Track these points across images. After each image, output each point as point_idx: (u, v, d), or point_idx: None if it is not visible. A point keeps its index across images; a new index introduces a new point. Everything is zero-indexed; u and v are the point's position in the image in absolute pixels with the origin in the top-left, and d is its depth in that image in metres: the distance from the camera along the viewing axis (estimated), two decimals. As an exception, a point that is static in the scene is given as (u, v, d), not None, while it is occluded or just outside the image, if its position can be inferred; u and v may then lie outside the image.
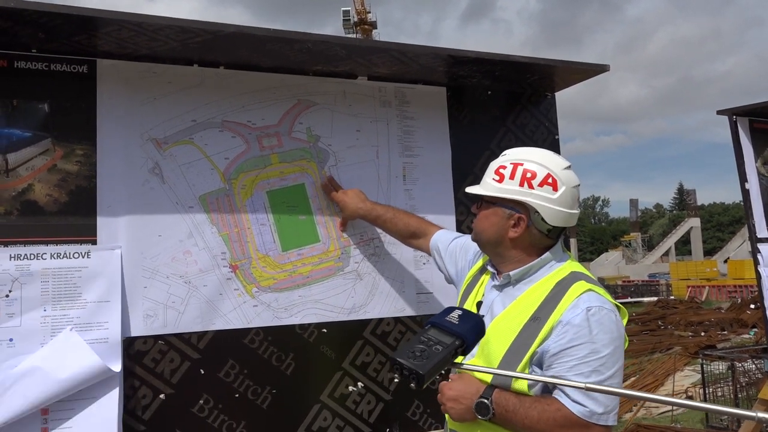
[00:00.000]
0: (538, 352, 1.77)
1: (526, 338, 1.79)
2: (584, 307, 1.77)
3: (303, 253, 2.59)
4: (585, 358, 1.71)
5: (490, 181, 1.99)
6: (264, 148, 2.57)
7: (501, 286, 1.98)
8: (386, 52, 2.51)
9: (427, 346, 1.40)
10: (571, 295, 1.81)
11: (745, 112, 3.64)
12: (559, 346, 1.74)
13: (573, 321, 1.75)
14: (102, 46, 2.28)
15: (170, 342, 2.34)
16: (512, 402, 1.74)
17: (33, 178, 2.21)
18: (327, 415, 2.55)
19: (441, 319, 1.48)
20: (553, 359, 1.75)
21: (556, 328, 1.76)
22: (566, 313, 1.77)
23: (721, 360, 8.19)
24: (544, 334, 1.77)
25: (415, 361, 1.36)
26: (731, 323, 17.27)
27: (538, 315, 1.82)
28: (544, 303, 1.83)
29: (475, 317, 1.51)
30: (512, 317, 1.87)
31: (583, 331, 1.73)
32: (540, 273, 1.94)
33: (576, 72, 2.89)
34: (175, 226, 2.39)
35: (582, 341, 1.72)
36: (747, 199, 3.58)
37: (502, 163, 1.98)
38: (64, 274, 2.20)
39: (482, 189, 2.01)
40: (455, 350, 1.42)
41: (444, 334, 1.43)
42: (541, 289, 1.88)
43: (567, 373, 1.71)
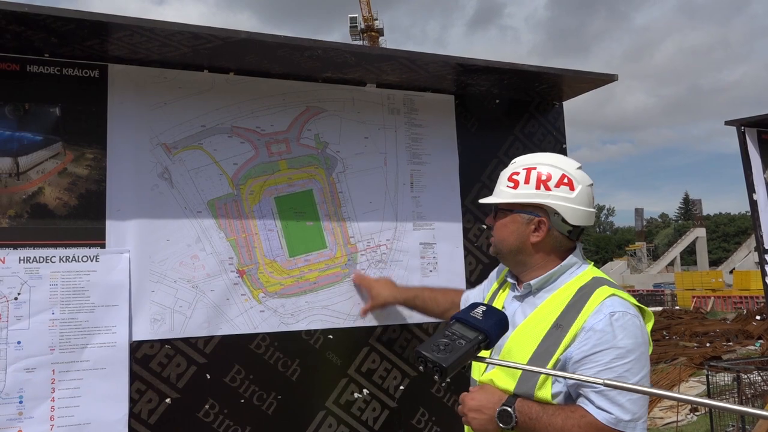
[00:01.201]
0: (561, 359, 1.74)
1: (549, 346, 1.76)
2: (607, 312, 1.74)
3: (310, 259, 2.59)
4: (609, 363, 1.68)
5: (505, 188, 1.98)
6: (272, 154, 2.58)
7: (522, 296, 1.95)
8: (395, 60, 2.52)
9: (451, 340, 1.43)
10: (594, 301, 1.78)
11: (753, 123, 3.64)
12: (582, 352, 1.71)
13: (596, 326, 1.72)
14: (114, 51, 2.29)
15: (177, 346, 2.35)
16: (535, 410, 1.71)
17: (43, 182, 2.22)
18: (332, 421, 2.55)
19: (465, 314, 1.51)
20: (576, 366, 1.71)
21: (579, 335, 1.73)
22: (589, 318, 1.74)
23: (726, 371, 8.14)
24: (567, 341, 1.74)
25: (439, 355, 1.39)
26: (737, 334, 17.18)
27: (561, 322, 1.78)
28: (567, 310, 1.80)
29: (499, 313, 1.53)
30: (534, 326, 1.84)
31: (606, 336, 1.70)
32: (561, 280, 1.91)
33: (584, 81, 2.90)
34: (183, 231, 2.40)
35: (606, 347, 1.69)
36: (755, 210, 3.57)
37: (515, 170, 1.97)
38: (73, 278, 2.21)
39: (497, 197, 2.00)
40: (478, 345, 1.44)
41: (468, 329, 1.46)
42: (563, 296, 1.85)
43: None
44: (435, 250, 2.82)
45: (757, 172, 3.62)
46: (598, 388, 1.66)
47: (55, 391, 2.14)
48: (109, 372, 2.21)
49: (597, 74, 2.86)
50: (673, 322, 20.54)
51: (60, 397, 2.14)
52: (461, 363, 1.41)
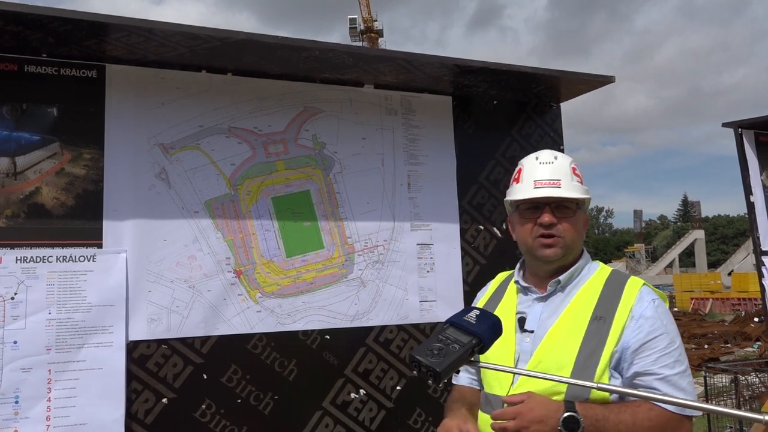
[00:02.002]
0: (617, 351, 1.68)
1: (596, 340, 1.70)
2: (650, 299, 1.73)
3: (307, 259, 2.60)
4: (666, 349, 1.68)
5: (575, 183, 1.85)
6: (270, 154, 2.58)
7: (546, 296, 1.84)
8: (393, 61, 2.52)
9: (445, 344, 1.42)
10: (631, 290, 1.76)
11: (750, 125, 3.64)
12: (638, 340, 1.68)
13: (645, 314, 1.70)
14: (111, 52, 2.30)
15: (173, 346, 2.35)
16: (600, 411, 1.63)
17: (40, 182, 2.23)
18: (329, 421, 2.55)
19: (459, 318, 1.50)
20: (634, 355, 1.68)
21: (630, 323, 1.70)
22: (635, 307, 1.72)
23: (724, 373, 8.13)
24: (617, 331, 1.69)
25: (433, 359, 1.39)
26: (735, 336, 17.19)
27: (600, 314, 1.73)
28: (602, 301, 1.75)
29: (492, 317, 1.52)
30: (571, 321, 1.76)
31: (657, 322, 1.70)
32: (584, 274, 1.85)
33: (581, 83, 2.90)
34: (181, 231, 2.41)
35: (659, 332, 1.69)
36: (752, 212, 3.57)
37: (572, 164, 1.88)
38: (70, 278, 2.21)
39: (576, 191, 1.84)
40: (472, 349, 1.43)
41: (461, 333, 1.45)
42: (592, 290, 1.80)
43: (652, 366, 1.66)
44: (432, 250, 2.83)
45: (754, 174, 3.62)
46: (660, 375, 1.65)
47: (51, 391, 2.14)
48: (105, 372, 2.21)
49: (594, 76, 2.86)
50: (671, 324, 20.52)
51: (56, 397, 2.14)
52: (455, 367, 1.41)
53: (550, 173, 1.84)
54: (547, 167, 1.85)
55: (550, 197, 1.80)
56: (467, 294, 2.84)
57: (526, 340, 1.78)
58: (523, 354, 1.77)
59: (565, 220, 1.81)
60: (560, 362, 1.70)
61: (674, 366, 1.67)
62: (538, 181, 1.83)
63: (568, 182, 1.84)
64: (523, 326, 1.81)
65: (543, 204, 1.81)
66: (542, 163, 1.86)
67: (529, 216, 1.84)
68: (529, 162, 1.90)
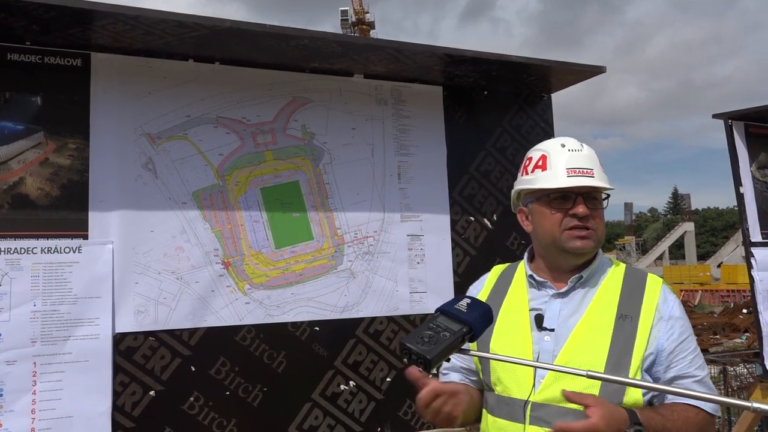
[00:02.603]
0: (651, 353, 1.63)
1: (625, 340, 1.63)
2: (673, 298, 1.71)
3: (296, 250, 2.58)
4: (696, 350, 1.67)
5: (604, 173, 1.76)
6: (258, 144, 2.56)
7: (566, 292, 1.74)
8: (382, 50, 2.50)
9: (435, 332, 1.42)
10: (653, 288, 1.71)
11: (740, 117, 3.64)
12: (672, 342, 1.65)
13: (674, 314, 1.68)
14: (97, 40, 2.26)
15: (161, 338, 2.33)
16: (659, 420, 1.55)
17: (24, 172, 2.19)
18: (318, 413, 2.54)
19: (450, 306, 1.49)
20: (671, 357, 1.64)
21: (660, 324, 1.65)
22: (662, 306, 1.68)
23: (713, 364, 8.21)
24: (646, 331, 1.64)
25: (423, 347, 1.38)
26: (723, 327, 17.35)
27: (626, 312, 1.67)
28: (624, 299, 1.69)
29: (483, 305, 1.51)
30: (597, 319, 1.68)
31: (686, 323, 1.69)
32: (601, 269, 1.77)
33: (572, 73, 2.89)
34: (168, 222, 2.38)
35: (689, 333, 1.68)
36: (741, 204, 3.58)
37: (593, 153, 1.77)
38: (55, 269, 2.18)
39: (607, 182, 1.74)
40: (462, 337, 1.43)
41: (452, 321, 1.44)
42: (612, 285, 1.73)
43: (689, 368, 1.64)
44: (422, 242, 2.81)
45: (744, 166, 3.62)
46: (697, 377, 1.65)
47: (36, 384, 2.11)
48: (91, 364, 2.19)
49: (585, 66, 2.85)
50: (661, 316, 20.69)
51: (41, 390, 2.12)
52: (445, 355, 1.41)
53: (582, 162, 1.72)
54: (578, 155, 1.73)
55: (585, 186, 1.69)
56: (457, 285, 2.83)
57: (546, 339, 1.67)
58: (544, 353, 1.66)
59: (596, 210, 1.72)
60: (590, 363, 1.59)
61: (703, 367, 1.68)
62: (572, 169, 1.70)
63: (600, 172, 1.74)
64: (541, 324, 1.70)
65: (575, 194, 1.70)
66: (571, 150, 1.74)
67: (559, 206, 1.71)
68: (554, 149, 1.76)
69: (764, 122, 3.69)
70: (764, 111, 3.54)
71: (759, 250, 3.52)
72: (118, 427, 2.22)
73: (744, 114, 3.63)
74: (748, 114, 3.62)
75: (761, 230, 3.56)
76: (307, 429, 2.51)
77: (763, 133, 3.72)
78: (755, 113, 3.60)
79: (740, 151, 3.63)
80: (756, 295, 3.44)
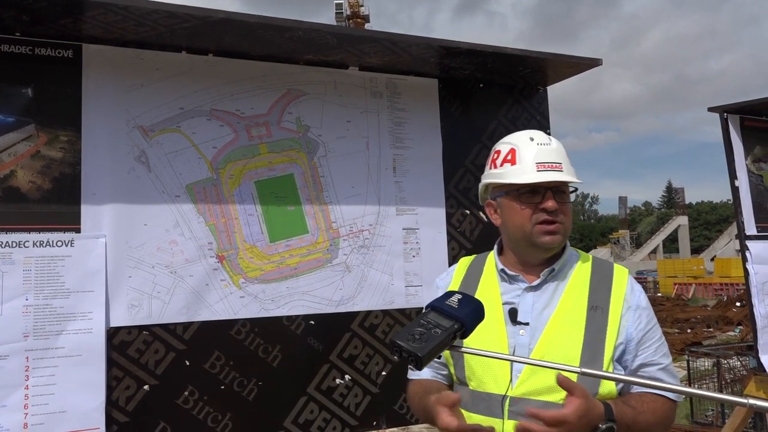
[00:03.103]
0: (621, 343, 1.66)
1: (596, 332, 1.66)
2: (639, 288, 1.74)
3: (291, 244, 2.56)
4: (660, 338, 1.71)
5: (572, 167, 1.76)
6: (253, 137, 2.53)
7: (538, 285, 1.74)
8: (377, 42, 2.48)
9: (426, 329, 1.39)
10: (620, 278, 1.74)
11: (736, 110, 3.64)
12: (640, 331, 1.69)
13: (641, 303, 1.71)
14: (88, 31, 2.23)
15: (155, 332, 2.31)
16: (630, 414, 1.57)
17: (15, 165, 2.17)
18: (314, 407, 2.53)
19: (441, 302, 1.47)
20: (638, 347, 1.68)
21: (628, 314, 1.68)
22: (629, 296, 1.71)
23: (706, 357, 8.23)
24: (616, 322, 1.67)
25: (414, 344, 1.36)
26: (717, 320, 17.41)
27: (596, 304, 1.69)
28: (594, 290, 1.71)
29: (475, 301, 1.49)
30: (569, 311, 1.69)
31: (651, 312, 1.72)
32: (570, 261, 1.78)
33: (568, 65, 2.88)
34: (161, 216, 2.36)
35: (654, 322, 1.72)
36: (736, 197, 3.58)
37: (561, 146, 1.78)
38: (47, 263, 2.16)
39: (575, 176, 1.74)
40: (454, 333, 1.41)
41: (443, 318, 1.42)
42: (581, 277, 1.75)
43: (654, 356, 1.68)
44: (418, 235, 2.80)
45: (739, 159, 3.63)
46: (662, 364, 1.70)
47: (29, 378, 2.10)
48: (85, 359, 2.17)
49: (580, 58, 2.84)
50: (655, 309, 20.77)
51: (34, 385, 2.10)
52: (437, 352, 1.38)
53: (551, 156, 1.73)
54: (547, 149, 1.74)
55: (554, 181, 1.69)
56: (453, 279, 2.82)
57: (521, 333, 1.68)
58: (519, 347, 1.66)
59: (563, 205, 1.72)
60: (566, 355, 1.62)
61: (668, 355, 1.73)
62: (541, 164, 1.71)
63: (568, 166, 1.74)
64: (515, 318, 1.70)
65: (544, 189, 1.70)
66: (540, 144, 1.74)
67: (528, 201, 1.71)
68: (523, 142, 1.76)
69: (759, 115, 3.69)
70: (760, 104, 3.54)
71: (754, 243, 3.53)
72: (113, 422, 2.21)
73: (739, 107, 3.63)
74: (744, 107, 3.62)
75: (756, 223, 3.57)
76: (303, 423, 2.51)
77: (758, 127, 3.72)
78: (751, 106, 3.60)
79: (735, 145, 3.63)
80: (751, 287, 3.44)
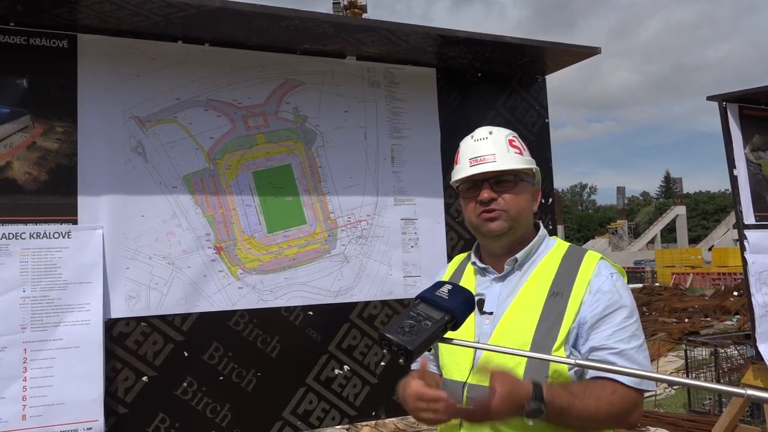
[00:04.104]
0: (574, 327, 1.66)
1: (553, 317, 1.67)
2: (608, 273, 1.72)
3: (289, 234, 2.55)
4: (622, 323, 1.66)
5: (512, 155, 1.81)
6: (250, 127, 2.52)
7: (504, 276, 1.81)
8: (375, 31, 2.46)
9: (417, 321, 1.36)
10: (589, 264, 1.74)
11: (735, 99, 3.63)
12: (595, 315, 1.66)
13: (603, 288, 1.69)
14: (83, 20, 2.21)
15: (153, 324, 2.30)
16: (566, 399, 1.56)
17: (11, 156, 2.15)
18: (312, 398, 2.53)
19: (431, 293, 1.44)
20: (590, 330, 1.66)
21: (587, 298, 1.68)
22: (593, 280, 1.70)
23: (704, 346, 8.25)
24: (575, 306, 1.67)
25: (404, 337, 1.32)
26: (714, 310, 17.45)
27: (557, 290, 1.71)
28: (559, 277, 1.74)
29: (465, 292, 1.47)
30: (528, 298, 1.74)
31: (615, 296, 1.68)
32: (541, 251, 1.83)
33: (567, 54, 2.86)
34: (159, 207, 2.35)
35: (616, 307, 1.67)
36: (735, 186, 3.57)
37: (509, 137, 1.85)
38: (44, 255, 2.15)
39: (510, 163, 1.80)
40: (445, 325, 1.38)
41: (433, 309, 1.39)
42: (549, 266, 1.78)
43: (608, 340, 1.64)
44: (416, 225, 2.79)
45: (738, 148, 3.61)
46: (616, 349, 1.63)
47: (27, 370, 2.09)
48: (83, 350, 2.17)
49: (580, 47, 2.82)
50: (652, 299, 20.83)
51: (32, 377, 2.10)
52: (427, 345, 1.35)
53: (484, 149, 1.82)
54: (482, 143, 1.83)
55: (485, 172, 1.78)
56: (451, 269, 2.81)
57: (486, 322, 1.74)
58: (483, 337, 1.72)
59: (505, 192, 1.78)
60: (518, 341, 1.66)
61: (630, 340, 1.65)
62: (474, 159, 1.81)
63: (504, 154, 1.80)
64: (482, 308, 1.76)
65: (482, 181, 1.79)
66: (477, 140, 1.85)
67: (470, 195, 1.82)
68: (465, 142, 1.88)
69: (758, 104, 3.68)
70: (759, 93, 3.53)
71: (752, 232, 3.52)
72: (111, 413, 2.21)
73: (738, 96, 3.61)
74: (743, 96, 3.61)
75: (755, 213, 3.56)
76: (302, 413, 2.51)
77: (757, 115, 3.70)
78: (750, 95, 3.58)
79: (734, 134, 3.62)
80: (749, 277, 3.44)
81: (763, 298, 3.44)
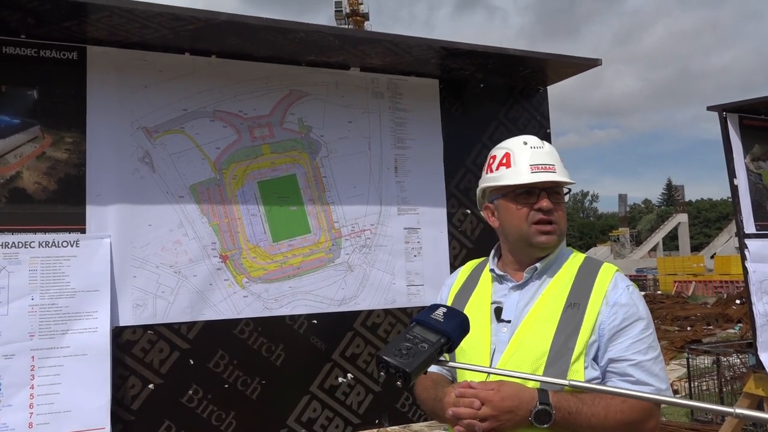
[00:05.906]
0: (595, 341, 1.68)
1: (570, 328, 1.68)
2: (624, 285, 1.74)
3: (294, 244, 2.58)
4: (640, 335, 1.68)
5: (564, 169, 1.83)
6: (255, 138, 2.55)
7: (522, 284, 1.81)
8: (379, 43, 2.50)
9: (413, 344, 1.39)
10: (605, 276, 1.76)
11: (735, 109, 3.66)
12: (613, 327, 1.68)
13: (620, 300, 1.70)
14: (92, 33, 2.25)
15: (159, 332, 2.33)
16: (573, 404, 1.58)
17: (21, 166, 2.19)
18: (316, 406, 2.55)
19: (426, 316, 1.47)
20: (609, 342, 1.67)
21: (604, 310, 1.69)
22: (610, 293, 1.72)
23: (706, 354, 8.25)
24: (592, 318, 1.69)
25: (402, 360, 1.35)
26: (717, 318, 17.43)
27: (575, 301, 1.72)
28: (576, 288, 1.75)
29: (460, 315, 1.50)
30: (545, 308, 1.74)
31: (632, 309, 1.70)
32: (559, 261, 1.83)
33: (568, 66, 2.90)
34: (165, 216, 2.38)
35: (633, 319, 1.69)
36: (735, 195, 3.60)
37: (551, 148, 1.87)
38: (53, 263, 2.18)
39: (568, 177, 1.82)
40: (441, 348, 1.41)
41: (429, 332, 1.43)
42: (566, 277, 1.79)
43: (626, 352, 1.66)
44: (419, 235, 2.82)
45: (738, 158, 3.64)
46: (634, 360, 1.65)
47: (34, 378, 2.12)
48: (90, 358, 2.19)
49: (581, 58, 2.86)
50: (654, 307, 20.82)
51: (40, 384, 2.12)
52: (425, 367, 1.38)
53: (544, 158, 1.81)
54: (540, 152, 1.82)
55: (548, 182, 1.78)
56: (454, 278, 2.84)
57: (503, 330, 1.75)
58: (500, 345, 1.74)
59: (558, 206, 1.80)
60: (536, 350, 1.68)
61: (647, 352, 1.68)
62: (535, 166, 1.79)
63: (561, 168, 1.83)
64: (500, 316, 1.78)
65: (539, 190, 1.78)
66: (533, 148, 1.83)
67: (524, 201, 1.79)
68: (517, 146, 1.85)
69: (758, 114, 3.71)
70: (758, 103, 3.56)
71: (753, 241, 3.55)
72: (118, 421, 2.23)
73: (738, 106, 3.64)
74: (743, 106, 3.64)
75: (755, 222, 3.59)
76: (306, 421, 2.53)
77: (757, 125, 3.73)
78: (749, 105, 3.62)
79: (734, 143, 3.65)
80: (750, 286, 3.46)
81: (764, 307, 3.46)
